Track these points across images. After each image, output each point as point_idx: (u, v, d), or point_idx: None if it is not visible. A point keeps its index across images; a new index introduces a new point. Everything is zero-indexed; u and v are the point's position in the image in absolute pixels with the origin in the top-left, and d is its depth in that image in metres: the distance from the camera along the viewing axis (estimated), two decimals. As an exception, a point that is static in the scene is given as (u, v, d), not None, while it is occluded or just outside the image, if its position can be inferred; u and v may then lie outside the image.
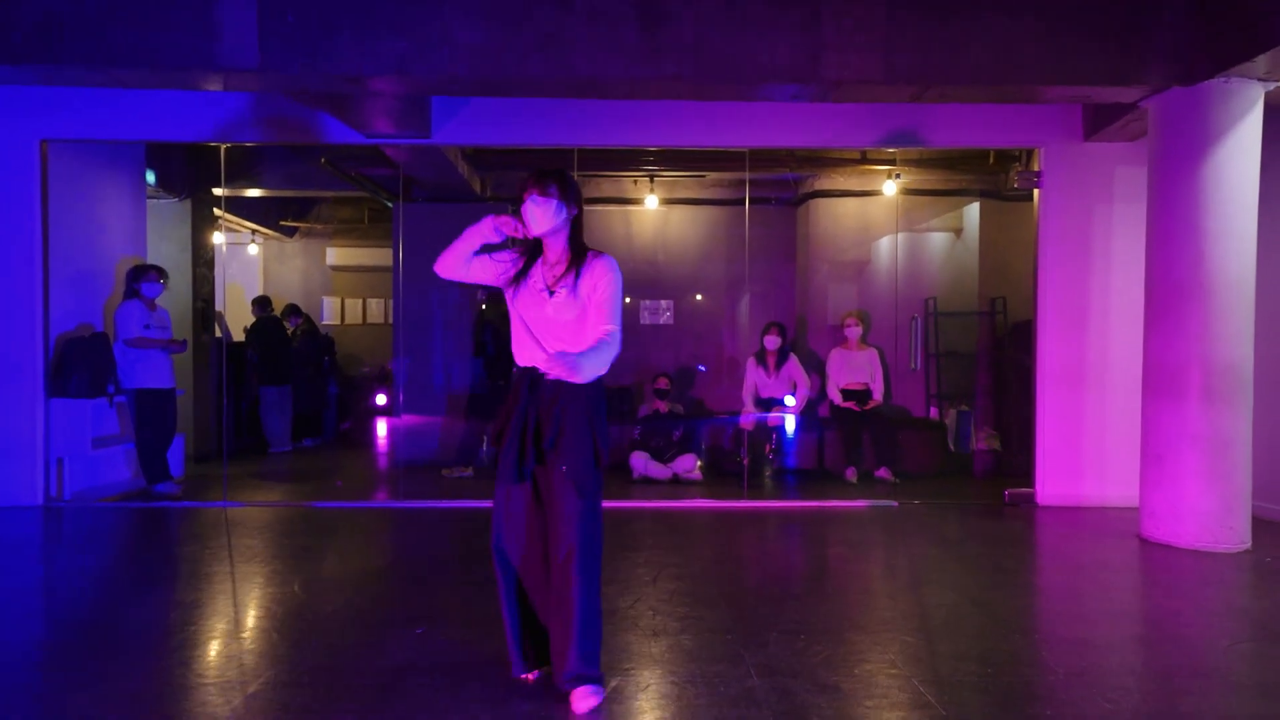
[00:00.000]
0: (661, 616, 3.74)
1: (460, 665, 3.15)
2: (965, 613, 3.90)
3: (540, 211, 2.85)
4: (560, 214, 2.88)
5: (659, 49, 4.93)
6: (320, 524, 5.80)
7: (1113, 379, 6.31)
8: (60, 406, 6.32)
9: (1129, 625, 3.88)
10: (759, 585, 4.42)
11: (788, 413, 7.66)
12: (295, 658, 3.26)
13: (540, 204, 2.85)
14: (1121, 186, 6.30)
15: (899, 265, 8.54)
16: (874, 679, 3.08)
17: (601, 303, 2.87)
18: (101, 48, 4.80)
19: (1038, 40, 5.01)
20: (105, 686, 3.00)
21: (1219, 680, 3.17)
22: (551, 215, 2.86)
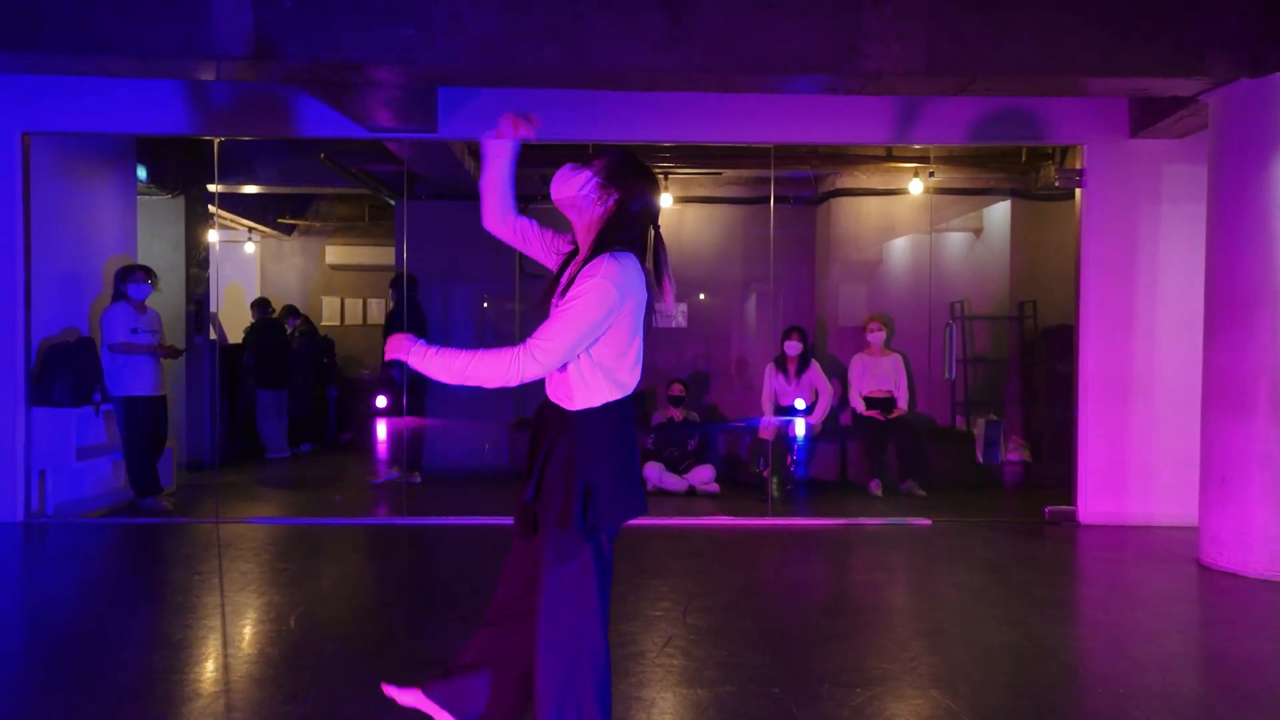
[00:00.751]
0: (696, 662, 3.38)
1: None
2: (1029, 657, 3.54)
3: (559, 176, 2.34)
4: (583, 187, 2.30)
5: (684, 37, 4.56)
6: (318, 544, 5.44)
7: (1160, 389, 5.95)
8: (43, 416, 5.95)
9: (1215, 674, 3.51)
10: (799, 621, 4.05)
11: (799, 415, 7.29)
12: (292, 713, 2.90)
13: (564, 171, 2.34)
14: (1170, 186, 5.94)
15: (923, 267, 8.17)
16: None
17: (559, 309, 2.19)
18: (84, 35, 4.43)
19: (1091, 28, 4.64)
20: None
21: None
22: (567, 183, 2.32)
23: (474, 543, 5.43)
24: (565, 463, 2.22)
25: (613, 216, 2.29)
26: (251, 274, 11.29)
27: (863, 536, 5.70)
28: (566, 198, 2.33)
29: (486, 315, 8.53)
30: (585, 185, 2.30)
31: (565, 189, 2.32)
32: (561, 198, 2.34)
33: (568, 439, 2.24)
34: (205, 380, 8.17)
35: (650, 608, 4.03)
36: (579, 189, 2.30)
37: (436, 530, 5.81)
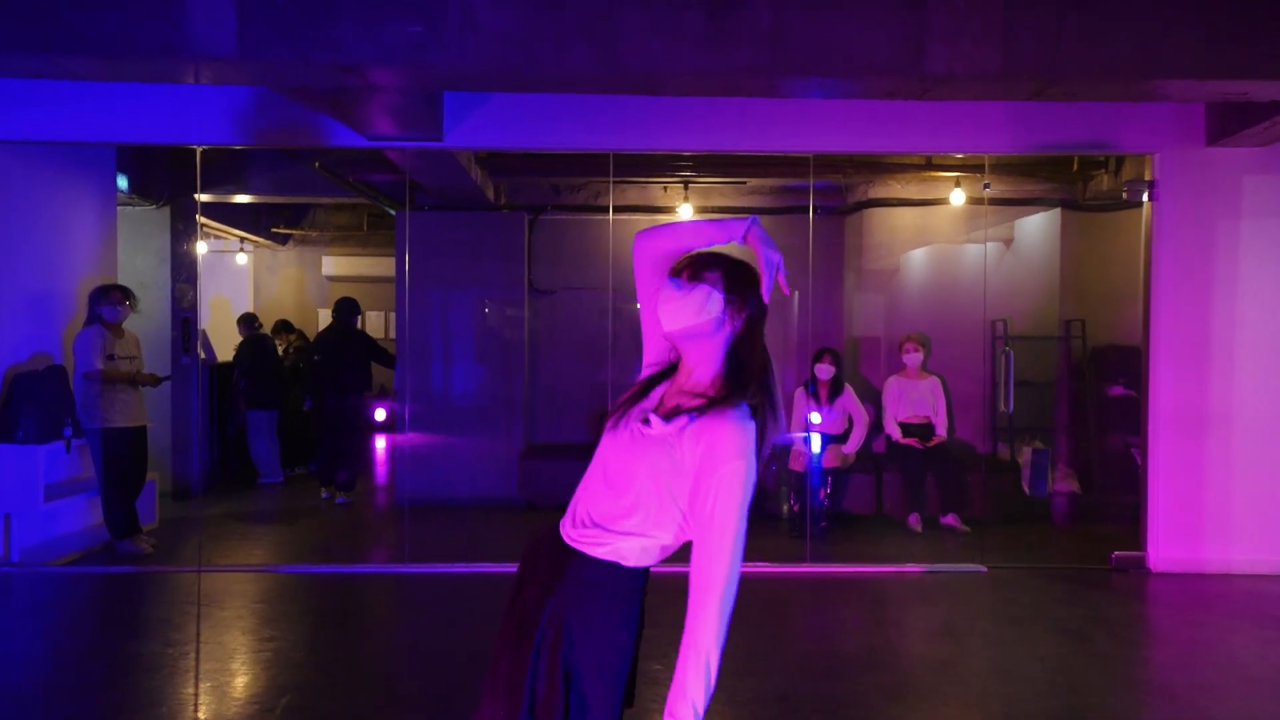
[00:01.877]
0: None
1: None
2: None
3: (677, 307, 1.71)
4: (713, 311, 1.71)
5: (729, 36, 4.00)
6: (312, 597, 4.89)
7: (1239, 422, 5.41)
8: (7, 453, 5.39)
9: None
10: (861, 700, 3.50)
11: (817, 430, 6.73)
12: None
13: (683, 294, 1.71)
14: (1251, 199, 5.40)
15: (962, 282, 7.62)
16: None
17: (711, 507, 1.62)
18: (40, 31, 3.87)
19: (1190, 25, 4.09)
20: None
21: None
22: (685, 306, 1.70)
23: (480, 596, 4.87)
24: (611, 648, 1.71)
25: (745, 342, 1.74)
26: (244, 286, 10.74)
27: (915, 586, 5.16)
28: (687, 328, 1.71)
29: (494, 328, 7.98)
30: (710, 305, 1.71)
31: (685, 315, 1.71)
32: (681, 329, 1.72)
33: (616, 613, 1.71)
34: (193, 402, 7.62)
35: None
36: (702, 312, 1.70)
37: (441, 580, 5.25)
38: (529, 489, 7.31)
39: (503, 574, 5.15)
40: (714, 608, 1.58)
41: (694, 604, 1.59)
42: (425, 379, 7.72)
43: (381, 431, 9.21)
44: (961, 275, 7.56)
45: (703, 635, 1.57)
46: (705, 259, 1.75)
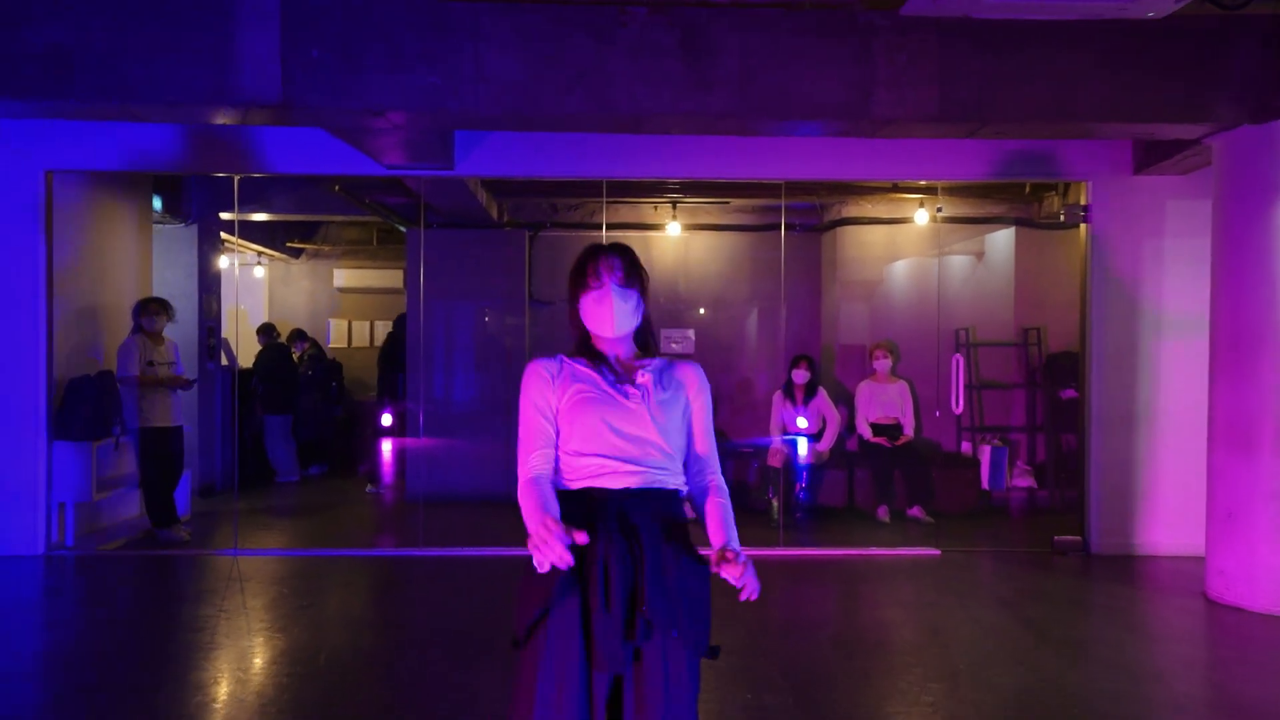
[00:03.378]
0: (726, 706, 3.46)
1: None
2: (1046, 700, 3.63)
3: (621, 306, 2.14)
4: (638, 314, 2.20)
5: (704, 84, 4.67)
6: (339, 576, 5.51)
7: (1167, 420, 6.06)
8: (64, 449, 6.02)
9: (1226, 716, 3.60)
10: (823, 663, 4.13)
11: (802, 435, 7.37)
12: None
13: (624, 297, 2.15)
14: (1174, 221, 6.06)
15: (928, 294, 8.27)
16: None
17: (704, 425, 2.22)
18: (114, 82, 4.52)
19: (1099, 76, 4.76)
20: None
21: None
22: (631, 313, 2.17)
23: (485, 574, 5.49)
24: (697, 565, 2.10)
25: (647, 314, 2.23)
26: (260, 298, 11.37)
27: (874, 568, 5.79)
28: (632, 327, 2.20)
29: (496, 336, 8.62)
30: (639, 306, 2.19)
31: (628, 320, 2.17)
32: (627, 332, 2.19)
33: (687, 538, 2.12)
34: (217, 405, 8.25)
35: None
36: (636, 312, 2.19)
37: (450, 562, 5.87)
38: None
39: (503, 556, 5.81)
40: (727, 490, 2.22)
41: (716, 481, 2.21)
42: (435, 384, 8.35)
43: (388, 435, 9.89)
44: (928, 288, 8.20)
45: (731, 509, 2.18)
46: (618, 260, 2.16)
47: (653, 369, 2.17)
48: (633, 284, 2.16)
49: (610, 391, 2.12)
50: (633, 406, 2.11)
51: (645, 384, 2.13)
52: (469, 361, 8.55)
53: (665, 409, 2.14)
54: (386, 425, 9.49)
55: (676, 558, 2.06)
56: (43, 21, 4.46)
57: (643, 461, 2.09)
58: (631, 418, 2.10)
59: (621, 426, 2.09)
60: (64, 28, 4.47)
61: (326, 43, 4.56)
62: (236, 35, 4.52)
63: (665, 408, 2.14)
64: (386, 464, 9.41)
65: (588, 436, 2.09)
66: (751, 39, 4.64)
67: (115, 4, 4.46)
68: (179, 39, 4.50)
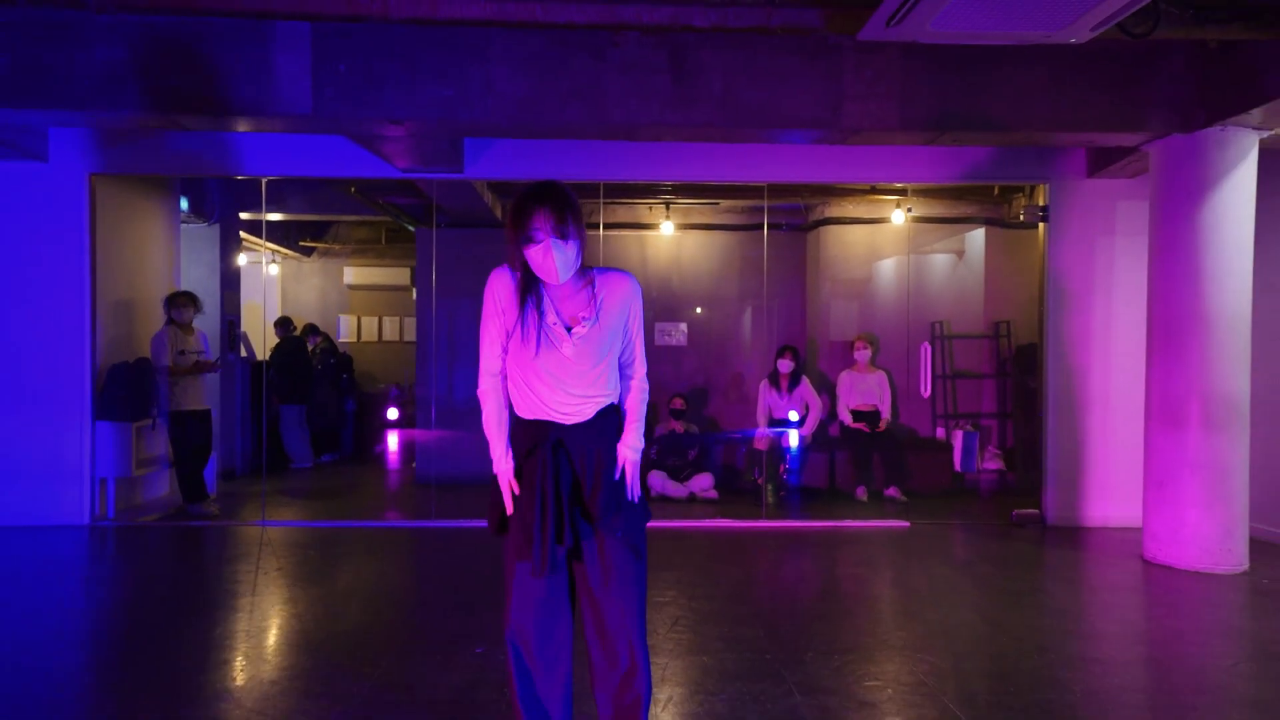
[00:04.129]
0: (702, 637, 4.01)
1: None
2: (984, 633, 4.18)
3: (563, 258, 2.36)
4: (580, 253, 2.42)
5: (690, 98, 5.22)
6: (359, 543, 6.05)
7: (1115, 404, 6.61)
8: (106, 429, 6.57)
9: (1138, 646, 4.16)
10: (788, 606, 4.69)
11: (792, 427, 7.93)
12: (377, 673, 3.52)
13: (563, 249, 2.35)
14: (1124, 221, 6.61)
15: (906, 289, 8.83)
16: (907, 697, 3.36)
17: (636, 334, 2.52)
18: (164, 96, 5.07)
19: (1047, 90, 5.31)
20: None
21: (1222, 697, 3.46)
22: (574, 259, 2.39)
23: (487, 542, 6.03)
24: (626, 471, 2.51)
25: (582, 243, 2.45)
26: (273, 294, 11.92)
27: (847, 537, 6.33)
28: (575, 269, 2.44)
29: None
30: (579, 251, 2.42)
31: (570, 268, 2.41)
32: (570, 276, 2.43)
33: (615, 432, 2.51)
34: (237, 394, 8.79)
35: (658, 595, 4.65)
36: (578, 258, 2.42)
37: (458, 531, 6.42)
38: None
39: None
40: (641, 401, 2.57)
41: (635, 387, 2.57)
42: (444, 374, 8.89)
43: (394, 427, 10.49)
44: (906, 283, 8.76)
45: (643, 407, 2.56)
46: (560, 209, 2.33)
47: (589, 314, 2.44)
48: (568, 232, 2.34)
49: (551, 341, 2.43)
50: (569, 352, 2.43)
51: (582, 333, 2.43)
52: (474, 353, 9.08)
53: (600, 341, 2.45)
54: (393, 418, 10.12)
55: (605, 468, 2.48)
56: (101, 42, 5.01)
57: (580, 396, 2.46)
58: (564, 367, 2.44)
59: (555, 373, 2.45)
60: (120, 47, 5.02)
61: (352, 60, 5.11)
62: (273, 54, 5.07)
63: (600, 339, 2.45)
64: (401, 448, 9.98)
65: (530, 380, 2.46)
66: (732, 58, 5.19)
67: (166, 27, 5.01)
68: (222, 57, 5.05)
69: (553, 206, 2.33)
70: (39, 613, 4.47)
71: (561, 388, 2.45)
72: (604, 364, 2.48)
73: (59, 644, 3.99)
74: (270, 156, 6.57)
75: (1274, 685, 3.59)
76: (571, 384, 2.45)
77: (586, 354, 2.44)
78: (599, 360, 2.47)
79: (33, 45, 4.98)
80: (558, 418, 2.47)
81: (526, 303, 2.43)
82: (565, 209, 2.34)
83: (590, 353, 2.45)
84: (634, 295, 2.49)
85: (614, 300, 2.46)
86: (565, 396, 2.46)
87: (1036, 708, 3.28)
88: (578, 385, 2.46)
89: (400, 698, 3.31)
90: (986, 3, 3.68)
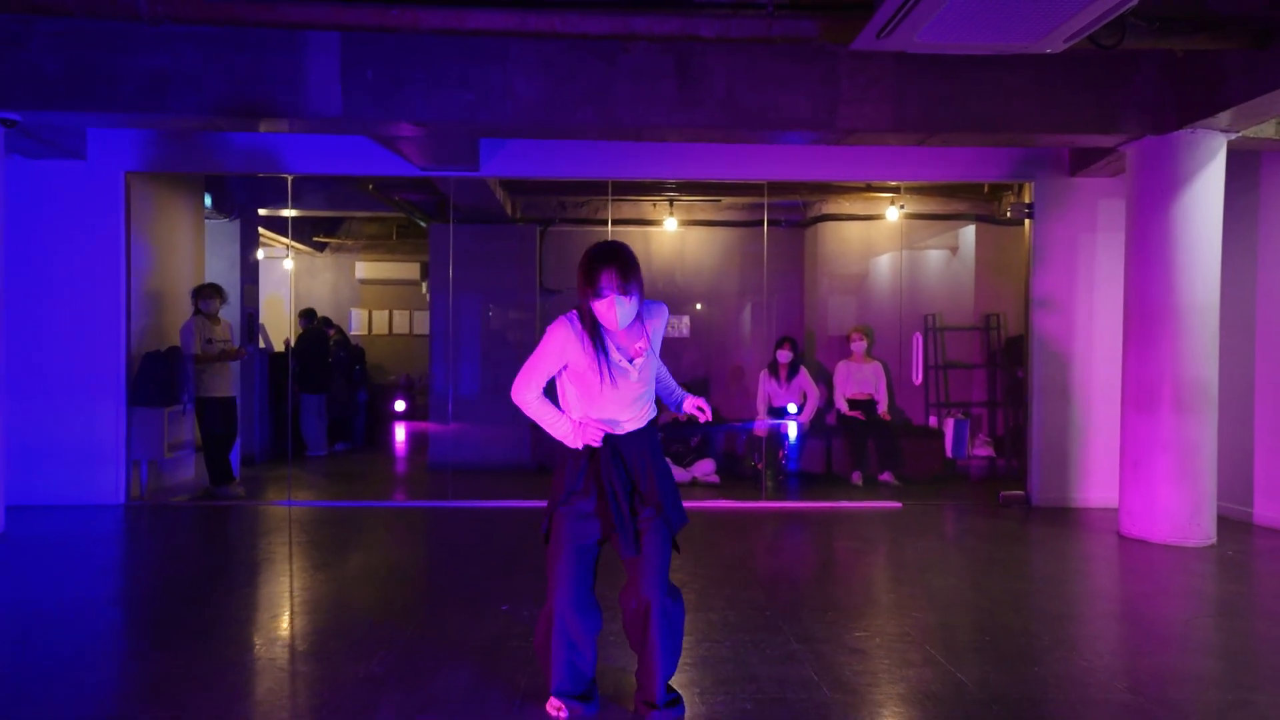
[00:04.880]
0: (706, 598, 4.38)
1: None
2: (966, 595, 4.54)
3: (624, 311, 2.82)
4: (638, 305, 2.87)
5: (694, 101, 5.58)
6: (382, 521, 6.42)
7: (1098, 391, 6.98)
8: (140, 415, 6.93)
9: (1105, 604, 4.53)
10: (787, 573, 5.06)
11: (792, 419, 8.30)
12: (414, 627, 3.88)
13: (624, 304, 2.80)
14: (1105, 217, 6.97)
15: (900, 283, 9.19)
16: (892, 645, 3.72)
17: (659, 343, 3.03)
18: (204, 100, 5.43)
19: (1030, 94, 5.67)
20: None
21: (1176, 645, 3.83)
22: (632, 311, 2.84)
23: (498, 520, 6.41)
24: (666, 464, 3.03)
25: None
26: (286, 288, 12.28)
27: (842, 516, 6.70)
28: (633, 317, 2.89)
29: (511, 322, 9.52)
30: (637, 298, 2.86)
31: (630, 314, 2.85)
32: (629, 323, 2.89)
33: (659, 448, 3.02)
34: (255, 384, 9.15)
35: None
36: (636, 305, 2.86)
37: (471, 510, 6.78)
38: (539, 454, 8.86)
39: (514, 508, 6.72)
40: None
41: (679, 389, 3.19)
42: (456, 365, 9.25)
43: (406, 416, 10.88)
44: (900, 277, 9.12)
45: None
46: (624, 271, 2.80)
47: (645, 345, 2.94)
48: (630, 290, 2.82)
49: (612, 372, 2.91)
50: (634, 378, 2.93)
51: (642, 362, 2.94)
52: (486, 345, 9.45)
53: (652, 363, 2.99)
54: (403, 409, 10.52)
55: (656, 467, 2.99)
56: (145, 50, 5.37)
57: (636, 412, 2.98)
58: (628, 390, 2.94)
59: (619, 396, 2.93)
60: (163, 55, 5.38)
61: (378, 67, 5.47)
62: (305, 60, 5.43)
63: (652, 362, 2.99)
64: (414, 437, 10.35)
65: (602, 406, 2.95)
66: (734, 64, 5.56)
67: (206, 36, 5.37)
68: (258, 63, 5.41)
69: (619, 268, 2.79)
70: (106, 575, 4.83)
71: (627, 409, 2.96)
72: (649, 377, 3.01)
73: (129, 601, 4.36)
74: (296, 155, 6.92)
75: (1225, 635, 3.97)
76: (632, 403, 2.97)
77: (646, 377, 2.98)
78: (653, 379, 3.03)
79: (83, 52, 5.34)
80: (617, 430, 2.97)
81: (596, 347, 2.90)
82: (629, 270, 2.81)
83: (648, 376, 2.99)
84: (664, 320, 3.04)
85: (657, 326, 3.01)
86: (628, 414, 2.97)
87: (1010, 652, 3.65)
88: (637, 403, 2.98)
89: (438, 645, 3.67)
90: (969, 17, 4.03)
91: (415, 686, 3.23)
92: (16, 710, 3.03)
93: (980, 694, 3.22)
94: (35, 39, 5.32)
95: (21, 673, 3.38)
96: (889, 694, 3.23)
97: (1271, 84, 4.76)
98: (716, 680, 3.32)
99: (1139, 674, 3.49)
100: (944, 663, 3.51)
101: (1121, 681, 3.39)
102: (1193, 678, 3.48)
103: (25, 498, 6.58)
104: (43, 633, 3.84)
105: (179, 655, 3.57)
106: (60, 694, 3.20)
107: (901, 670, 3.44)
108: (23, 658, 3.54)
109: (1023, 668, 3.49)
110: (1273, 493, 6.24)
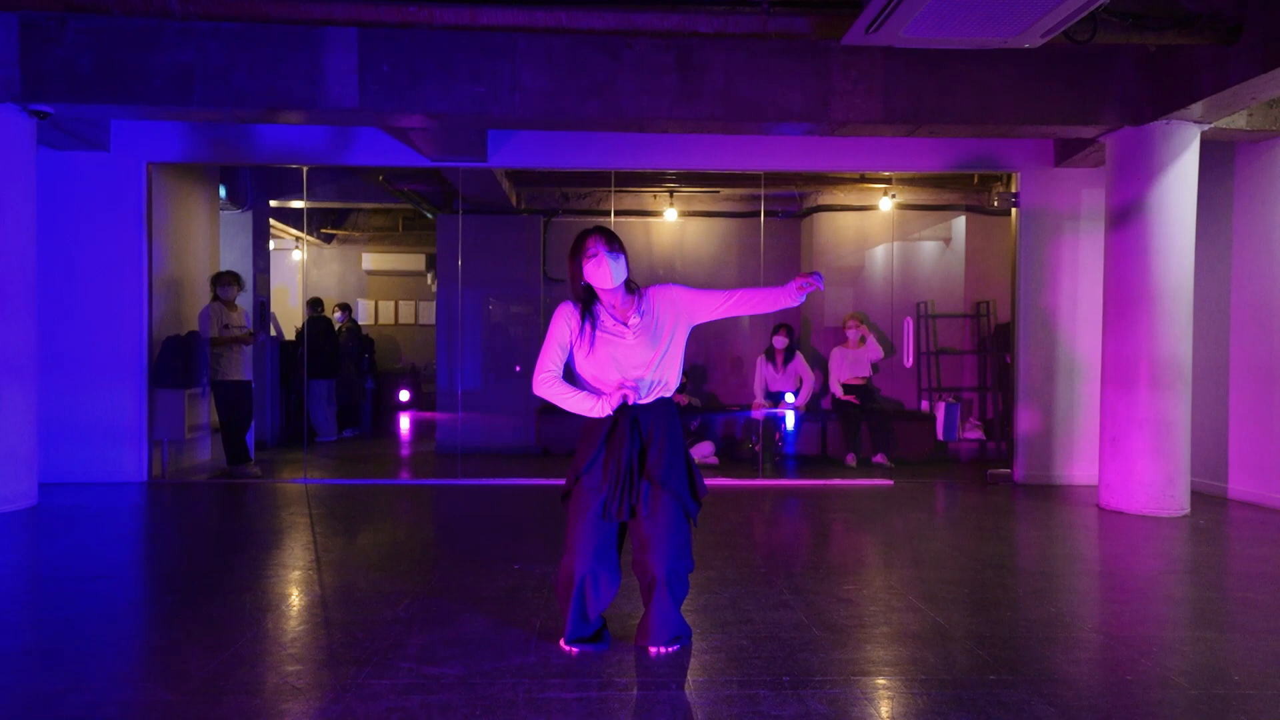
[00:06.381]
0: (705, 558, 4.67)
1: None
2: (949, 557, 4.84)
3: (615, 265, 3.14)
4: (628, 266, 3.22)
5: (694, 94, 5.87)
6: (396, 496, 6.70)
7: (1082, 374, 7.28)
8: (161, 396, 7.22)
9: (1080, 564, 4.83)
10: (783, 541, 5.36)
11: (788, 408, 8.60)
12: (432, 582, 4.17)
13: (618, 259, 3.15)
14: (1088, 206, 7.27)
15: (893, 271, 9.49)
16: (878, 595, 4.02)
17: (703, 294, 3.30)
18: (227, 93, 5.71)
19: (1013, 87, 5.96)
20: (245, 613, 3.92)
21: (1141, 596, 4.13)
22: (624, 269, 3.19)
23: (505, 497, 6.71)
24: (684, 444, 3.24)
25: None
26: (294, 278, 12.56)
27: (836, 493, 7.00)
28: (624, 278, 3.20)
29: (516, 310, 9.81)
30: (625, 262, 3.19)
31: (620, 274, 3.16)
32: (623, 279, 3.19)
33: (678, 425, 3.23)
34: (267, 370, 9.44)
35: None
36: (625, 267, 3.19)
37: (481, 488, 7.07)
38: (544, 438, 9.15)
39: (521, 486, 7.01)
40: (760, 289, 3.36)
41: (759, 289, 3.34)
42: (462, 353, 9.54)
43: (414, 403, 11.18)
44: (892, 266, 9.41)
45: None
46: (609, 236, 3.15)
47: (638, 311, 3.21)
48: (617, 250, 3.19)
49: (611, 334, 3.18)
50: (630, 340, 3.15)
51: (636, 324, 3.18)
52: (492, 332, 9.74)
53: (654, 338, 3.17)
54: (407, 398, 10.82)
55: (669, 442, 3.19)
56: (172, 46, 5.65)
57: (644, 383, 3.19)
58: (630, 352, 3.15)
59: (623, 359, 3.15)
60: (188, 50, 5.66)
61: (394, 61, 5.75)
62: (323, 55, 5.71)
63: (654, 336, 3.16)
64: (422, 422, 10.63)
65: (601, 372, 3.17)
66: (732, 59, 5.84)
67: (229, 32, 5.65)
68: (279, 58, 5.69)
69: (603, 234, 3.17)
70: (142, 540, 5.12)
71: (625, 374, 3.16)
72: (660, 352, 3.18)
73: (169, 559, 4.65)
74: (310, 147, 7.21)
75: (1187, 588, 4.26)
76: (632, 370, 3.16)
77: (644, 340, 3.16)
78: (654, 346, 3.18)
79: (114, 48, 5.63)
80: (640, 396, 3.17)
81: (584, 316, 3.19)
82: (612, 236, 3.17)
83: (646, 341, 3.17)
84: (673, 293, 3.27)
85: (659, 300, 3.23)
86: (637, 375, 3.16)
87: (987, 601, 3.95)
88: (639, 371, 3.16)
89: (458, 596, 3.96)
90: (949, 13, 4.32)
91: (439, 628, 3.53)
92: (77, 647, 3.32)
93: (958, 633, 3.51)
94: (68, 35, 5.61)
95: (78, 621, 3.67)
96: (874, 634, 3.52)
97: (1239, 77, 5.04)
98: (715, 624, 3.61)
99: (1106, 618, 3.78)
100: (926, 610, 3.81)
101: (1090, 623, 3.69)
102: (1155, 619, 3.78)
103: (53, 476, 6.87)
104: (91, 585, 4.13)
105: (223, 601, 3.86)
106: (114, 634, 3.49)
107: (886, 615, 3.74)
108: (75, 606, 3.83)
109: (999, 613, 3.79)
110: (1246, 468, 6.54)
